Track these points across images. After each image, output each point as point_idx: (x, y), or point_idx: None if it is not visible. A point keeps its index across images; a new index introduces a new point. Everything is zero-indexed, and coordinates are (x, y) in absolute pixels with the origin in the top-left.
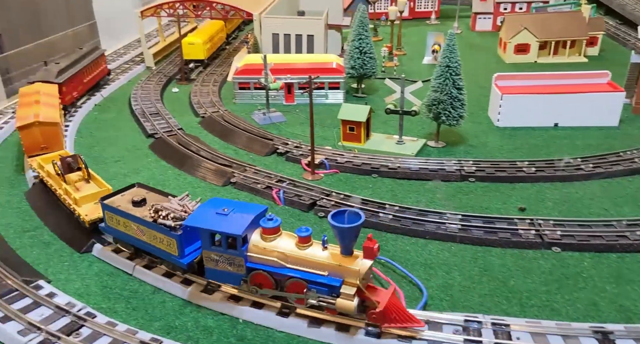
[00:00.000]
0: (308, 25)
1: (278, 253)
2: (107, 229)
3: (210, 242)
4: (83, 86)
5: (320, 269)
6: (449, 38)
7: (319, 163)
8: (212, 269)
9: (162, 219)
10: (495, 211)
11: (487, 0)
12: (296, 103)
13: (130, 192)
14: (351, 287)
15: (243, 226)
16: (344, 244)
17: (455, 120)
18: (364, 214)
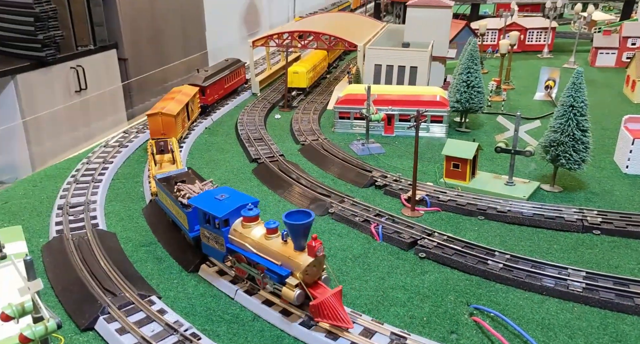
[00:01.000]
0: (413, 57)
1: (250, 240)
2: (158, 202)
3: (204, 221)
4: (224, 90)
5: (275, 258)
6: (576, 76)
7: (420, 199)
8: (205, 244)
9: (180, 198)
10: (628, 271)
11: (612, 35)
12: (395, 135)
13: (179, 174)
14: (295, 279)
15: (225, 210)
16: (295, 240)
17: (577, 164)
18: (314, 214)
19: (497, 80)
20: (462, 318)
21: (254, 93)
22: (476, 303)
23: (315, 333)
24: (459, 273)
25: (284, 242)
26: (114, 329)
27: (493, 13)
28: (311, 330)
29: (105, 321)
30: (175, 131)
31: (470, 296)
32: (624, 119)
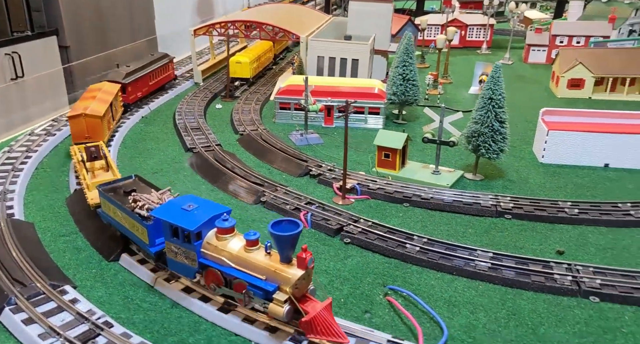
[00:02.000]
0: (354, 49)
1: (227, 253)
2: (102, 214)
3: (170, 234)
4: (148, 87)
5: (259, 272)
6: (495, 69)
7: (351, 188)
8: (172, 260)
9: (138, 209)
10: (531, 252)
11: (543, 33)
12: (335, 126)
13: (126, 183)
14: (284, 294)
15: (198, 222)
16: (282, 252)
17: (496, 154)
18: (302, 225)
19: (434, 74)
20: (377, 298)
21: (196, 83)
22: (392, 284)
23: (231, 317)
24: (380, 256)
25: (268, 255)
26: (20, 319)
27: (440, 9)
28: (229, 315)
29: (11, 312)
30: (102, 134)
31: (388, 277)
32: (541, 111)
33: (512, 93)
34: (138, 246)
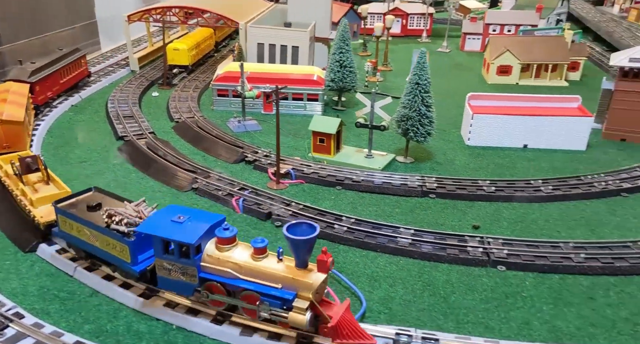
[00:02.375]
0: (293, 36)
1: (232, 264)
2: (61, 234)
3: (163, 250)
4: (59, 86)
5: (274, 281)
6: (420, 56)
7: (285, 173)
8: (165, 278)
9: (115, 225)
10: (450, 227)
11: (477, 22)
12: (274, 113)
13: (86, 197)
14: (304, 301)
15: (197, 235)
16: (299, 257)
17: (423, 137)
18: (319, 227)
19: (373, 62)
20: None
21: (132, 70)
22: None
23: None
24: None
25: (280, 261)
26: None
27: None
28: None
29: None
30: (24, 142)
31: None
32: (468, 96)
33: (448, 80)
34: (114, 265)
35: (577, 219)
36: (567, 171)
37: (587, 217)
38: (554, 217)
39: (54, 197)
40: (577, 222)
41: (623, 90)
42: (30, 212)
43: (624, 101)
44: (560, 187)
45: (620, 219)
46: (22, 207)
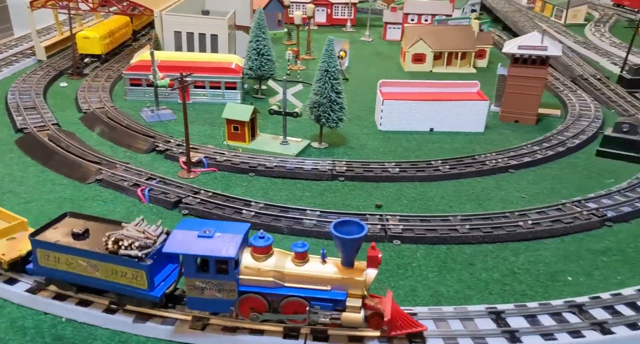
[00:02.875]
0: (211, 24)
1: (275, 273)
2: (39, 270)
3: (196, 269)
4: None
5: (323, 284)
6: (327, 43)
7: (197, 161)
8: (197, 298)
9: (124, 250)
10: (355, 208)
11: (397, 11)
12: (192, 102)
13: (65, 224)
14: (356, 299)
15: (235, 247)
16: (347, 256)
17: (335, 122)
18: (366, 226)
19: (294, 50)
20: None
21: (39, 60)
22: None
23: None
24: None
25: (324, 263)
26: None
27: None
28: (36, 295)
29: None
30: None
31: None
32: (379, 83)
33: (368, 68)
34: (120, 295)
35: (469, 195)
36: (465, 151)
37: (477, 193)
38: (449, 194)
39: (8, 230)
40: (468, 198)
41: (514, 75)
42: None
43: (515, 86)
44: (456, 166)
45: (504, 193)
46: None
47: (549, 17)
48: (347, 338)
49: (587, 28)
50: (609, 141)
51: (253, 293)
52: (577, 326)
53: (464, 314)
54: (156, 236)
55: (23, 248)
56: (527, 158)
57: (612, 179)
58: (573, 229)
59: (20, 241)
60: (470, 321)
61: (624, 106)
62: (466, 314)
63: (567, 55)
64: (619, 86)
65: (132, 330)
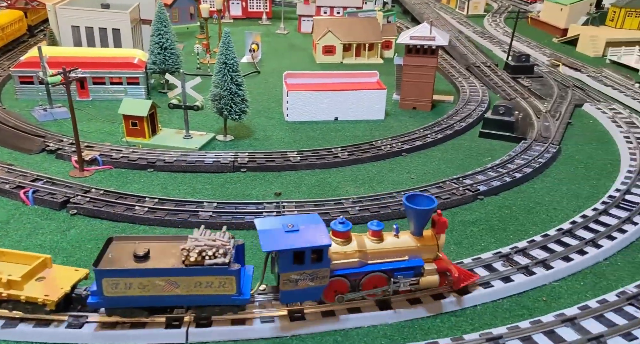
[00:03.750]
0: (111, 18)
1: (359, 253)
2: (105, 302)
3: (292, 262)
4: None
5: (401, 255)
6: (224, 36)
7: (92, 160)
8: (290, 291)
9: (210, 260)
10: (255, 197)
11: (310, 4)
12: (92, 99)
13: (115, 249)
14: (431, 263)
15: (326, 235)
16: (419, 226)
17: (237, 115)
18: (436, 199)
19: (204, 44)
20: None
21: None
22: None
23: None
24: (108, 222)
25: (397, 236)
26: None
27: None
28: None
29: None
30: None
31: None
32: (284, 75)
33: (281, 60)
34: (199, 308)
35: (364, 179)
36: (365, 138)
37: (371, 176)
38: (346, 178)
39: (33, 272)
40: (364, 181)
41: (410, 64)
42: (14, 298)
43: (410, 74)
44: (354, 152)
45: (395, 175)
46: None
47: (453, 8)
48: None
49: (486, 19)
50: (488, 123)
51: (338, 275)
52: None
53: None
54: (227, 241)
55: (63, 285)
56: (419, 142)
57: (489, 157)
58: (450, 204)
59: (52, 279)
60: None
61: (507, 91)
62: None
63: (464, 44)
64: (505, 72)
65: (3, 336)
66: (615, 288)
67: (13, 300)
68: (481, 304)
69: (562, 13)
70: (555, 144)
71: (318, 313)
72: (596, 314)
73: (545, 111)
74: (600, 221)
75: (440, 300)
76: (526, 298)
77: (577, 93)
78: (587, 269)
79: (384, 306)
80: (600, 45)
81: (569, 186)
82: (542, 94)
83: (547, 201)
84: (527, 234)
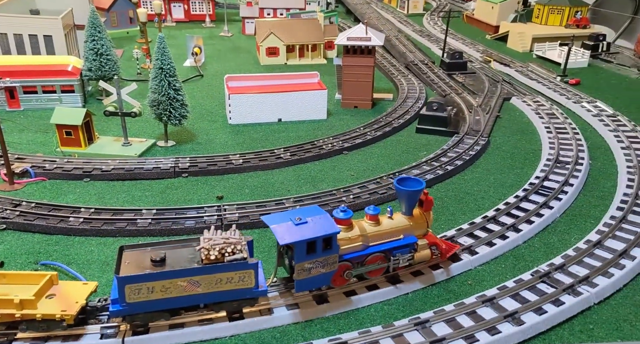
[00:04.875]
0: (42, 24)
1: (362, 237)
2: (128, 308)
3: (306, 252)
4: None
5: (397, 235)
6: (159, 41)
7: (22, 172)
8: (304, 280)
9: (230, 256)
10: (196, 202)
11: (253, 6)
12: (23, 109)
13: (129, 257)
14: (422, 239)
15: (333, 223)
16: (409, 207)
17: (177, 120)
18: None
19: (144, 48)
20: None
21: None
22: (45, 260)
23: None
24: (40, 235)
25: (391, 218)
26: None
27: None
28: None
29: None
30: None
31: (44, 253)
32: (225, 78)
33: (225, 63)
34: (218, 304)
35: (306, 178)
36: (308, 138)
37: (313, 175)
38: (288, 179)
39: (42, 291)
40: (305, 181)
41: (348, 64)
42: (35, 317)
43: (350, 74)
44: (297, 153)
45: (337, 173)
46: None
47: (395, 8)
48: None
49: (425, 17)
50: (423, 119)
51: (344, 260)
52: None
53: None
54: (240, 238)
55: (77, 298)
56: (359, 140)
57: (425, 152)
58: (387, 198)
59: (63, 294)
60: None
61: (443, 87)
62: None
63: (403, 43)
64: (441, 69)
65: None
66: (531, 268)
67: (27, 320)
68: (412, 292)
69: (493, 11)
70: (485, 136)
71: (340, 293)
72: (512, 293)
73: (477, 105)
74: (521, 207)
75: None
76: (453, 283)
77: (506, 87)
78: (508, 252)
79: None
80: (527, 41)
81: (495, 176)
82: (474, 89)
83: (475, 190)
84: (457, 223)
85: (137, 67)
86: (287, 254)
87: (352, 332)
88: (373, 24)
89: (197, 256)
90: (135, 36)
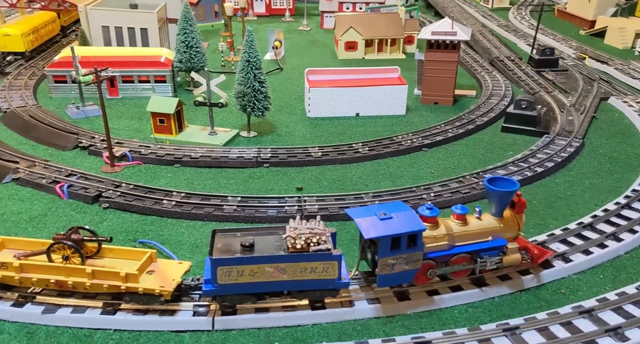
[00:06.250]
0: (139, 18)
1: (448, 236)
2: (219, 289)
3: (390, 248)
4: None
5: (485, 236)
6: (248, 35)
7: (121, 155)
8: (387, 275)
9: (315, 246)
10: (277, 191)
11: (332, 0)
12: (121, 97)
13: (221, 241)
14: (513, 242)
15: (420, 221)
16: (500, 208)
17: (260, 111)
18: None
19: (228, 42)
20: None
21: None
22: (142, 238)
23: None
24: (137, 215)
25: (479, 219)
26: None
27: None
28: None
29: None
30: None
31: (140, 233)
32: (306, 71)
33: (303, 57)
34: (301, 292)
35: (384, 173)
36: (386, 133)
37: (391, 171)
38: (366, 173)
39: (144, 267)
40: (384, 176)
41: (431, 60)
42: (131, 290)
43: (432, 69)
44: (375, 147)
45: (416, 170)
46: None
47: (478, 1)
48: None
49: (511, 11)
50: (510, 117)
51: (428, 259)
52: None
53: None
54: (325, 229)
55: (174, 276)
56: (440, 137)
57: (511, 152)
58: (470, 198)
59: (162, 271)
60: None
61: (531, 85)
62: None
63: (487, 38)
64: (529, 66)
65: (41, 321)
66: (635, 281)
67: (131, 292)
68: (499, 296)
69: (590, 4)
70: (579, 138)
71: (422, 291)
72: (614, 306)
73: (570, 105)
74: (622, 214)
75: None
76: (544, 290)
77: (603, 86)
78: (607, 262)
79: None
80: (629, 37)
81: (591, 180)
82: (566, 87)
83: (568, 195)
84: (547, 228)
85: (221, 59)
86: (370, 248)
87: (435, 332)
88: (455, 18)
89: (283, 244)
90: (219, 30)
